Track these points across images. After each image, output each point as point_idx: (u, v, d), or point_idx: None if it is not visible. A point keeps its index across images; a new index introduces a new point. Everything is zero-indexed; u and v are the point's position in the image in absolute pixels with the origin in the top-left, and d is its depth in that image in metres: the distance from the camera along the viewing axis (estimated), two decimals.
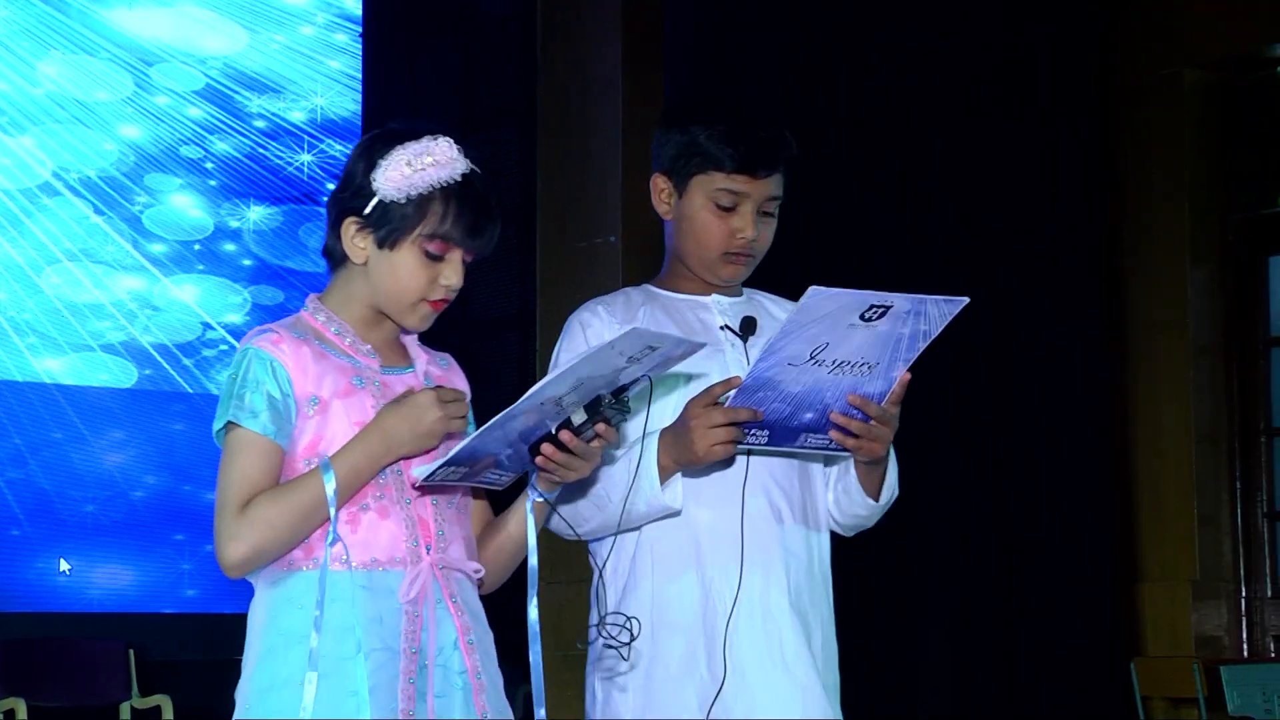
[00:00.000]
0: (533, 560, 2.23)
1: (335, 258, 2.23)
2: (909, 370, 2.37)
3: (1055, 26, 6.32)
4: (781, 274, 5.61)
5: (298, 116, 6.46)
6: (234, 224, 6.34)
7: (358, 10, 6.51)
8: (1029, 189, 6.28)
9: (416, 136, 2.17)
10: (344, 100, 6.52)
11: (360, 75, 6.47)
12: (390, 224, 2.16)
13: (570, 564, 4.57)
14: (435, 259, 2.18)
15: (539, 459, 2.15)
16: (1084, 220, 6.35)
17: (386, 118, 6.10)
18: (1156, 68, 6.60)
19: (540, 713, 2.20)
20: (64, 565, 5.91)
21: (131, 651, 5.66)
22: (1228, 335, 6.60)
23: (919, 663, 5.93)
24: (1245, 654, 6.52)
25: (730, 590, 2.41)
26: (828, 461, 2.54)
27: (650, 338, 2.08)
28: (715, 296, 2.57)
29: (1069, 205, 6.32)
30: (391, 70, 6.40)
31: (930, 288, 5.77)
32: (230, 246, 6.34)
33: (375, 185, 2.16)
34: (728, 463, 2.43)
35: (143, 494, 6.07)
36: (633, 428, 2.38)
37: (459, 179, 2.17)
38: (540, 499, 2.24)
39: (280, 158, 6.41)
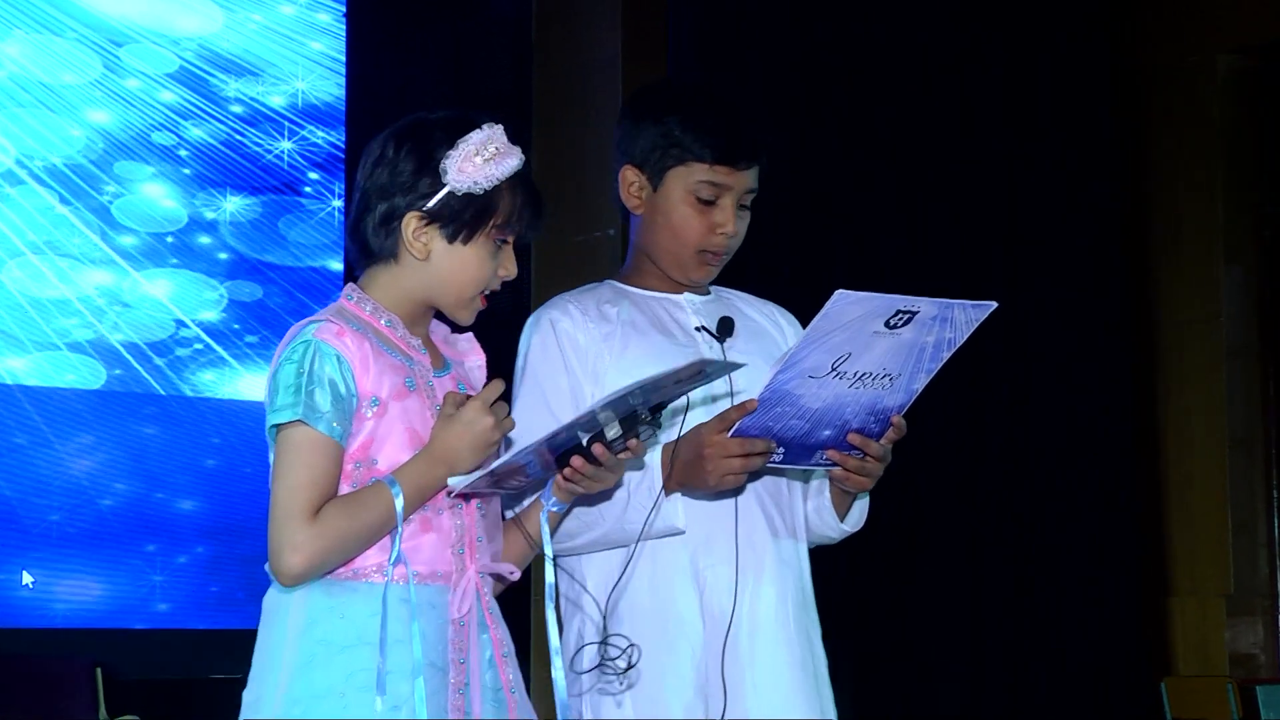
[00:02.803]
0: (550, 575, 2.24)
1: (379, 256, 2.23)
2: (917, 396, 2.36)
3: (1077, 9, 6.33)
4: (785, 269, 5.68)
5: (277, 101, 6.34)
6: (209, 215, 6.25)
7: None
8: (1050, 182, 6.29)
9: (462, 126, 2.21)
10: (326, 84, 6.39)
11: (344, 58, 6.34)
12: (463, 218, 2.19)
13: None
14: (498, 249, 2.23)
15: (567, 470, 2.17)
16: (1109, 215, 6.36)
17: (372, 104, 6.03)
18: (1187, 53, 6.63)
19: None
20: (27, 578, 5.83)
21: (99, 670, 5.54)
22: (1263, 335, 6.63)
23: (932, 683, 5.95)
24: None
25: (726, 609, 2.42)
26: (805, 480, 2.56)
27: (706, 365, 2.14)
28: (687, 295, 2.56)
29: (1093, 200, 6.32)
30: (377, 53, 6.27)
31: (945, 285, 5.75)
32: (205, 239, 6.24)
33: (446, 179, 2.18)
34: (736, 490, 2.43)
35: (112, 502, 5.99)
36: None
37: (522, 165, 2.23)
38: (555, 509, 2.27)
39: (259, 145, 6.30)
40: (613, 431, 2.15)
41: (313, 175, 6.40)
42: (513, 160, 2.20)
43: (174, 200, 6.20)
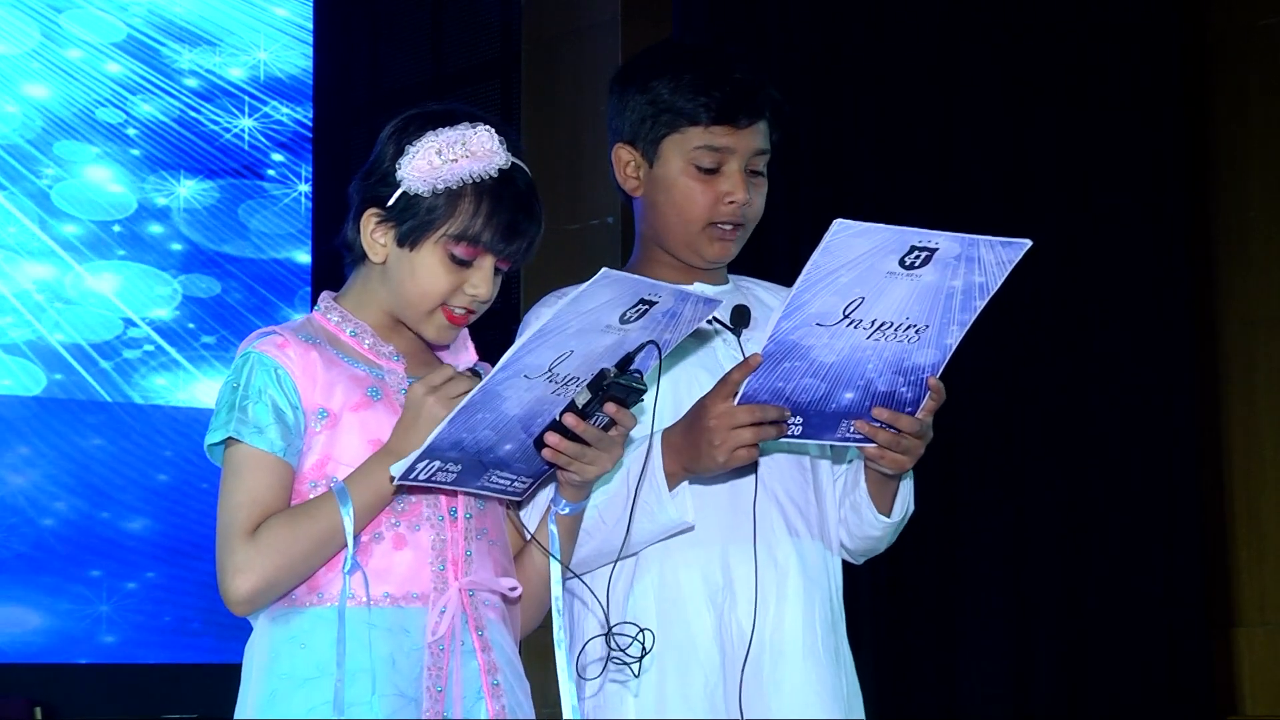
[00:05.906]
0: (556, 588, 2.21)
1: (354, 252, 2.25)
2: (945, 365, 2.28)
3: None
4: (802, 252, 5.55)
5: (237, 74, 6.41)
6: (161, 201, 6.28)
7: None
8: (1101, 163, 6.15)
9: (454, 120, 2.19)
10: (291, 55, 6.47)
11: (311, 26, 6.38)
12: (413, 219, 2.18)
13: None
14: (462, 264, 2.18)
15: (546, 452, 2.11)
16: (1168, 199, 6.22)
17: (342, 76, 6.41)
18: (1255, 16, 6.35)
19: None
20: None
21: (38, 710, 5.65)
22: None
23: (970, 715, 5.82)
24: None
25: (745, 630, 2.34)
26: (836, 460, 2.50)
27: (640, 286, 2.01)
28: (699, 286, 2.48)
29: (1150, 181, 6.19)
30: (348, 20, 6.24)
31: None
32: (157, 228, 6.28)
33: (400, 174, 2.18)
34: (749, 467, 2.35)
35: (52, 522, 6.05)
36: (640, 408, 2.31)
37: (496, 174, 2.17)
38: (566, 512, 2.22)
39: (216, 123, 6.36)
40: (583, 399, 2.08)
41: (276, 157, 6.43)
42: (479, 166, 2.16)
43: (121, 185, 6.23)
